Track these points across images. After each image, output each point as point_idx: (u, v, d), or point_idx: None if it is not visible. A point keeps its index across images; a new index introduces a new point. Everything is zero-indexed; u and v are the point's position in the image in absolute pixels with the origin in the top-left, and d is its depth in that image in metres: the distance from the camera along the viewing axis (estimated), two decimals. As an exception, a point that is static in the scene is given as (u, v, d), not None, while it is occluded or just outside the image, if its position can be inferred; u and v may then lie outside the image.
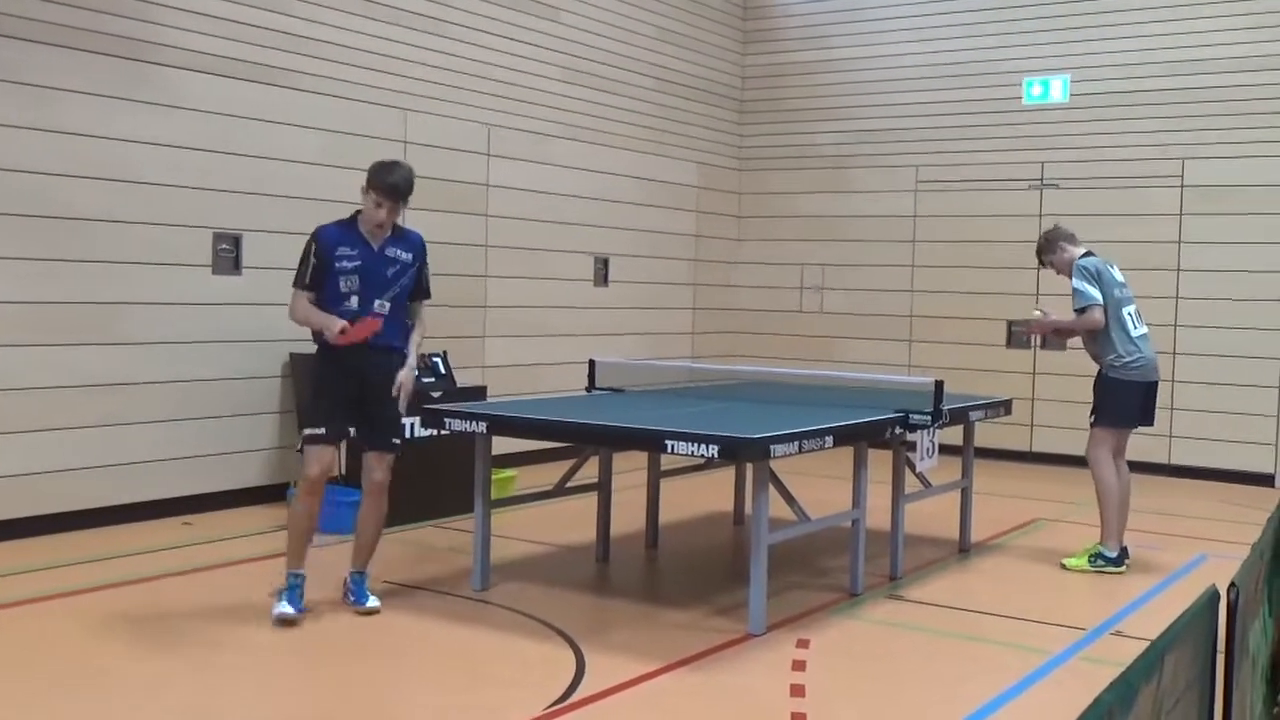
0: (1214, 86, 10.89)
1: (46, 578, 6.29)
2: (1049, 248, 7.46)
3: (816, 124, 12.94)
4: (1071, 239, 7.44)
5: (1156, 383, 7.29)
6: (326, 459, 5.73)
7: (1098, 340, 7.17)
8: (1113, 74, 11.35)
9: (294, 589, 5.68)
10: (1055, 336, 8.04)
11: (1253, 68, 10.73)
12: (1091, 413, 7.29)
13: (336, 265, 5.64)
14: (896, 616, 6.08)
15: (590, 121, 11.26)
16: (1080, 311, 7.12)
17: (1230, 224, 10.83)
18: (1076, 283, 7.15)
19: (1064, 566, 7.21)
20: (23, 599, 5.87)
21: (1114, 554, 7.14)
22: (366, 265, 5.68)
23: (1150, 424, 7.36)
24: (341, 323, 5.57)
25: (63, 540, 7.08)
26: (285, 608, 5.59)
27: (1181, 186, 11.04)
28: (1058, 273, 7.46)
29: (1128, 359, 7.10)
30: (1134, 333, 7.15)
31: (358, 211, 5.76)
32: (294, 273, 5.74)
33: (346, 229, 5.74)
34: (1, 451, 7.02)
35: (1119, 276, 7.29)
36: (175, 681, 4.84)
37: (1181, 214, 11.05)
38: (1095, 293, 7.07)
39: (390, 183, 5.61)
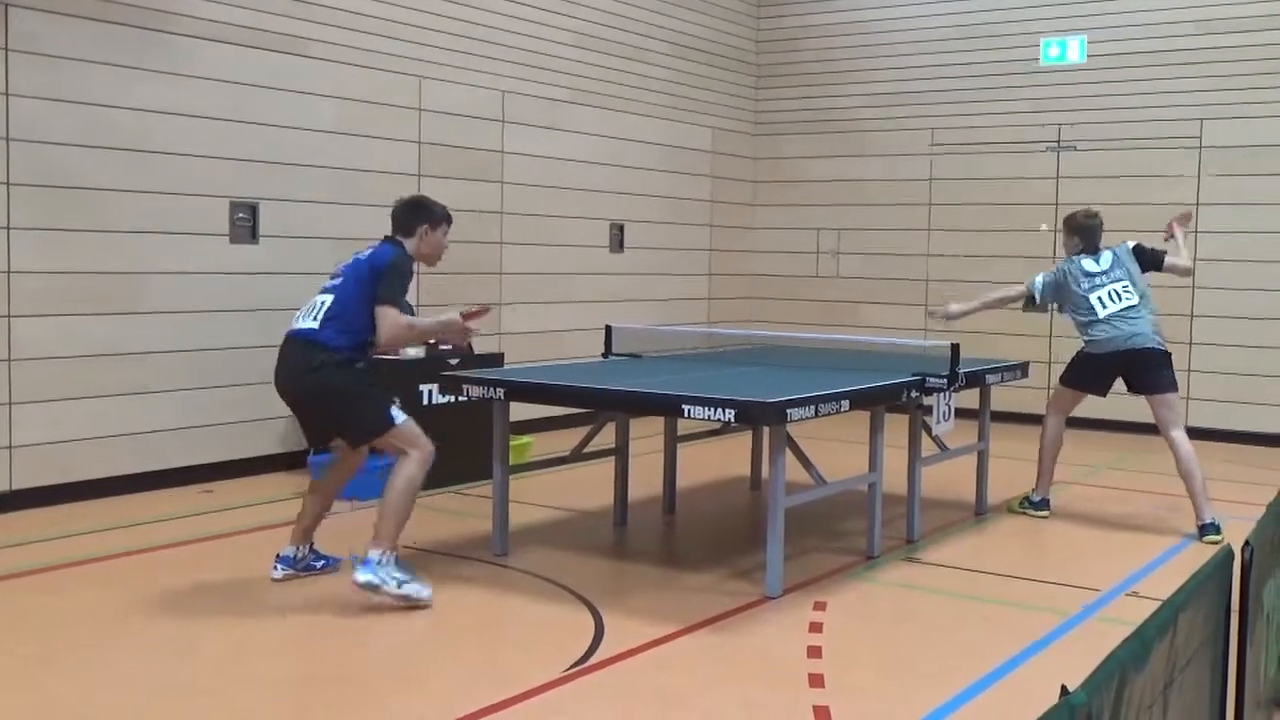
0: (1232, 46, 10.80)
1: (70, 545, 6.37)
2: (1072, 234, 7.75)
3: (832, 87, 12.88)
4: (1079, 231, 7.68)
5: (1121, 352, 7.38)
6: None
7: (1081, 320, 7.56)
8: (1130, 34, 11.26)
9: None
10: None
11: (1271, 26, 10.63)
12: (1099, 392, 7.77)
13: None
14: (912, 579, 6.11)
15: (605, 87, 11.23)
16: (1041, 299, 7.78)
17: (1249, 185, 10.76)
18: (1039, 279, 7.75)
19: (1008, 510, 7.74)
20: (47, 566, 5.95)
21: (1038, 499, 7.66)
22: None
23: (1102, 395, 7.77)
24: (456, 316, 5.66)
25: (85, 508, 7.16)
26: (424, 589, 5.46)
27: (1200, 148, 10.97)
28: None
29: (1093, 335, 7.44)
30: (1101, 314, 7.37)
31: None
32: (390, 291, 5.51)
33: None
34: (23, 421, 7.09)
35: (1094, 267, 7.48)
36: (200, 643, 4.90)
37: (1200, 175, 10.98)
38: (1038, 282, 7.73)
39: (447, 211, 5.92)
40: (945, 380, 6.46)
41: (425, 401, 7.93)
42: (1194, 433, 10.81)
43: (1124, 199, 11.26)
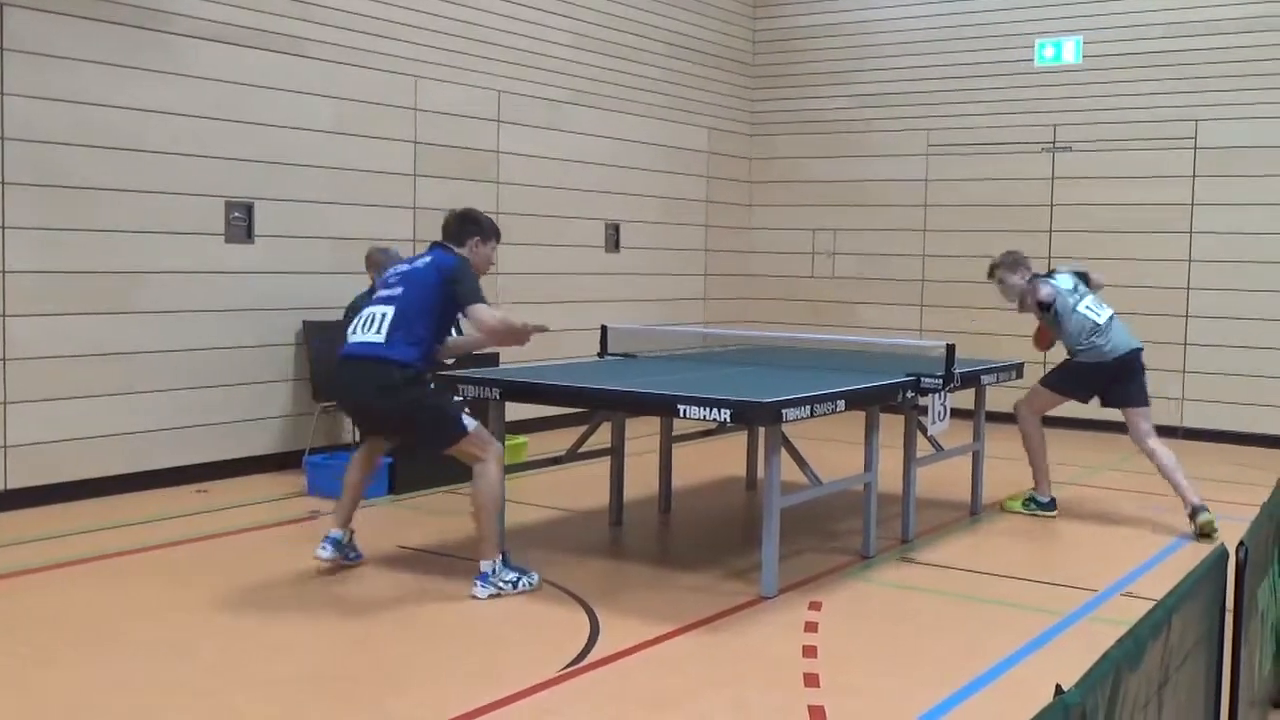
0: (1228, 47, 10.82)
1: (65, 545, 6.36)
2: (1015, 268, 7.60)
3: (827, 88, 12.89)
4: (1026, 265, 7.65)
5: (1119, 358, 7.42)
6: None
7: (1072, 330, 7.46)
8: (1125, 35, 11.27)
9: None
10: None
11: (1266, 27, 10.65)
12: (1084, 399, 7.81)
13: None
14: (908, 579, 6.12)
15: (601, 87, 11.24)
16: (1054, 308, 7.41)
17: (1244, 186, 10.78)
18: (1046, 287, 7.41)
19: (1003, 508, 7.75)
20: (42, 566, 5.94)
21: (1045, 500, 7.71)
22: None
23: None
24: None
25: (80, 508, 7.16)
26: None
27: (1195, 149, 10.99)
28: (1010, 300, 7.67)
29: (1097, 345, 7.41)
30: (1102, 320, 7.41)
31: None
32: (473, 290, 5.63)
33: None
34: (18, 420, 7.08)
35: (1064, 284, 7.52)
36: (196, 644, 4.90)
37: (1195, 176, 11.00)
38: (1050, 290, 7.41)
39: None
40: (940, 380, 6.46)
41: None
42: (1189, 433, 10.91)
43: (1119, 199, 11.29)
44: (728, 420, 5.40)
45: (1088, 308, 7.42)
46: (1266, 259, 10.66)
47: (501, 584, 5.59)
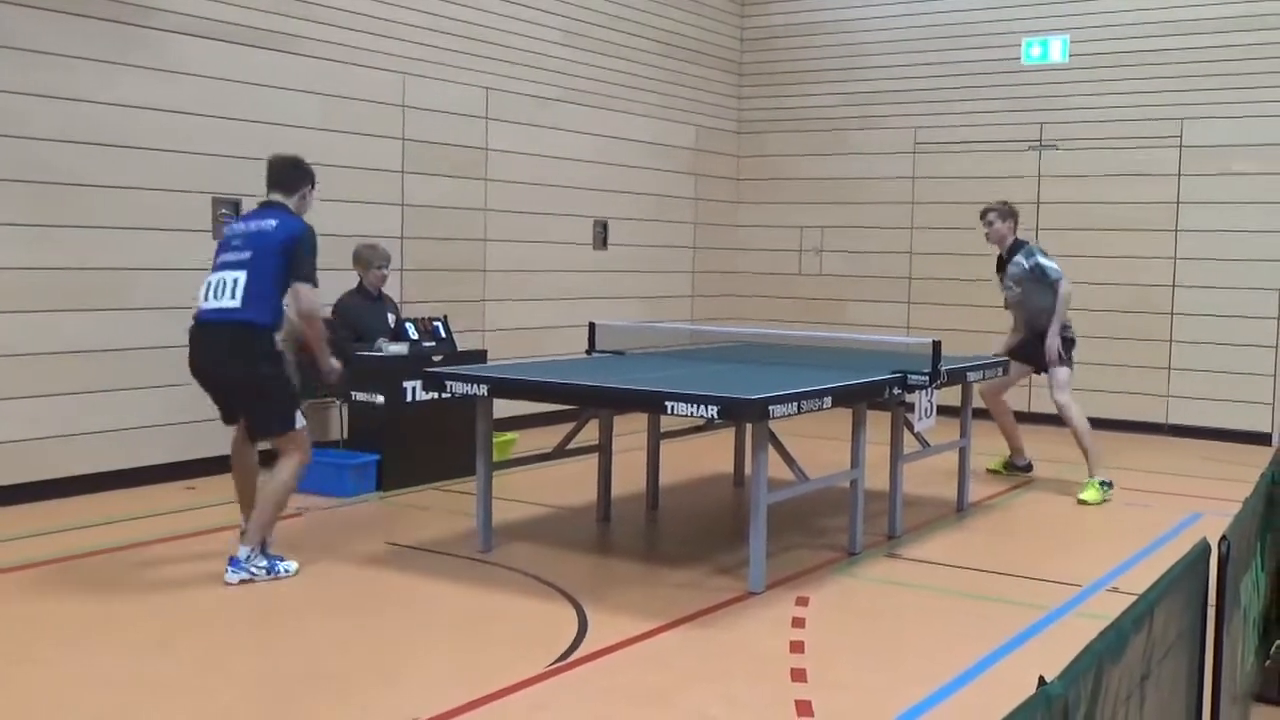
0: (1213, 46, 10.86)
1: (52, 542, 6.35)
2: (1003, 215, 8.51)
3: (815, 86, 12.91)
4: (1017, 220, 8.64)
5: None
6: None
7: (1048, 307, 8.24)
8: (1112, 34, 11.31)
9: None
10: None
11: (1251, 27, 10.70)
12: (1040, 369, 8.38)
13: None
14: (894, 574, 6.14)
15: (589, 85, 11.24)
16: (1051, 287, 8.20)
17: (1229, 184, 10.83)
18: (1043, 259, 8.28)
19: (1082, 502, 7.96)
20: (27, 563, 5.93)
21: (1023, 463, 8.72)
22: None
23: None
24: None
25: (67, 505, 7.14)
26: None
27: (1180, 147, 11.04)
28: (990, 240, 8.62)
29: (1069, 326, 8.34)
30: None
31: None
32: (312, 268, 5.79)
33: None
34: (4, 417, 7.06)
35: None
36: (181, 640, 4.90)
37: (1180, 174, 11.05)
38: (1058, 266, 8.30)
39: None
40: (927, 377, 6.49)
41: (409, 398, 7.93)
42: (1174, 430, 10.96)
43: (1105, 198, 11.34)
44: (715, 417, 5.42)
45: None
46: (1252, 257, 10.71)
47: (255, 569, 5.66)
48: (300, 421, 5.83)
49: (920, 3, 12.26)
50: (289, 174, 6.00)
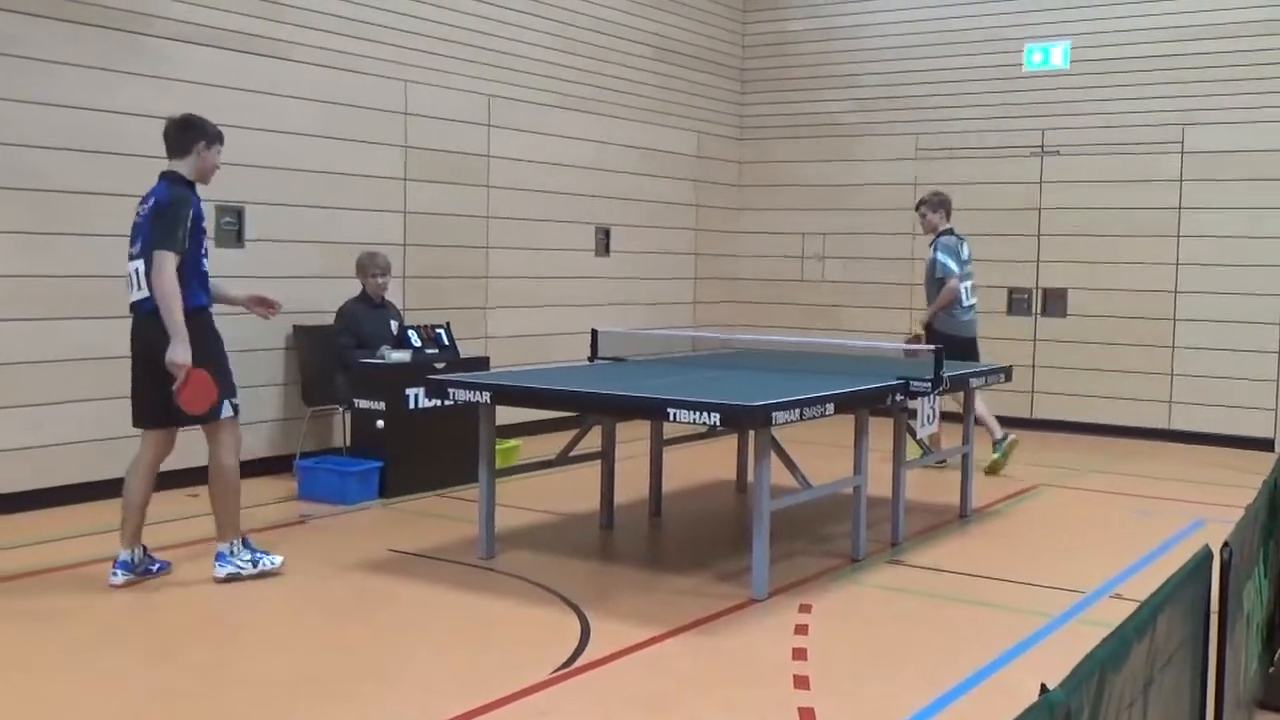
0: (1215, 52, 10.88)
1: (52, 550, 6.36)
2: (935, 206, 9.23)
3: (817, 92, 12.93)
4: (949, 210, 9.28)
5: (970, 340, 9.19)
6: None
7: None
8: (1114, 40, 11.33)
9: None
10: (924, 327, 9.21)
11: (1253, 33, 10.71)
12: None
13: (202, 227, 5.76)
14: (898, 581, 6.14)
15: (590, 91, 11.27)
16: (941, 281, 8.98)
17: (1231, 190, 10.84)
18: (941, 256, 9.03)
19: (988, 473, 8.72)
20: (27, 571, 5.94)
21: (999, 436, 9.00)
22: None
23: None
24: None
25: (67, 513, 7.14)
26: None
27: (1182, 153, 11.05)
28: (924, 230, 9.41)
29: (958, 317, 9.10)
30: (965, 303, 9.12)
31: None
32: (166, 236, 5.56)
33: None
34: (4, 425, 7.07)
35: (967, 255, 9.24)
36: (186, 645, 4.91)
37: (1182, 180, 11.06)
38: (955, 266, 8.99)
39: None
40: (929, 384, 6.49)
41: (412, 405, 7.94)
42: (1176, 435, 10.96)
43: (1107, 203, 11.35)
44: (717, 424, 5.42)
45: (967, 288, 9.09)
46: (1254, 262, 10.72)
47: (240, 563, 5.78)
48: (227, 411, 5.78)
49: (922, 9, 12.28)
50: (177, 136, 5.84)
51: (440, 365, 8.04)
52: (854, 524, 6.47)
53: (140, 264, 5.63)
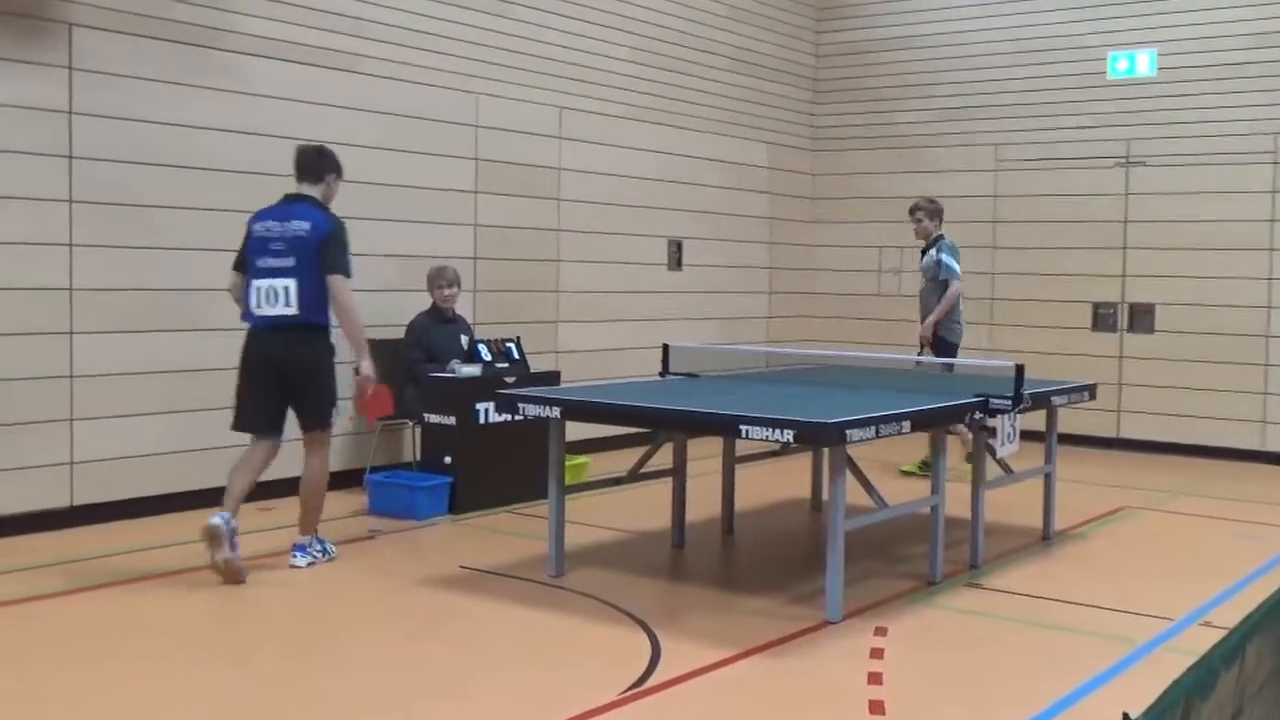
0: (1310, 58, 10.67)
1: (129, 560, 6.51)
2: (931, 214, 9.44)
3: (893, 102, 12.87)
4: (942, 218, 9.52)
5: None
6: None
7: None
8: (1202, 46, 11.15)
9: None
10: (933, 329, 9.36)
11: (1351, 38, 10.50)
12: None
13: None
14: (976, 605, 6.09)
15: (662, 103, 11.32)
16: (944, 284, 9.14)
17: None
18: (946, 257, 9.20)
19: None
20: (105, 582, 6.08)
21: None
22: None
23: None
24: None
25: (145, 525, 7.31)
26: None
27: (1275, 163, 10.84)
28: (917, 236, 9.56)
29: (958, 326, 9.34)
30: (960, 309, 9.41)
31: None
32: (343, 261, 6.28)
33: None
34: (84, 437, 7.26)
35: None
36: (257, 656, 5.00)
37: (1275, 191, 10.85)
38: (958, 268, 9.24)
39: None
40: (1009, 401, 6.43)
41: (482, 420, 8.02)
42: (1269, 457, 10.71)
43: (1195, 216, 11.17)
44: (790, 441, 5.42)
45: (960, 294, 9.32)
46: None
47: (314, 553, 6.43)
48: (333, 420, 6.47)
49: (1002, 16, 12.18)
50: (314, 162, 6.46)
51: (510, 380, 8.12)
52: (931, 545, 6.43)
53: (291, 282, 6.17)
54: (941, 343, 9.17)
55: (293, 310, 6.16)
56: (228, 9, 7.90)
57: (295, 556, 6.38)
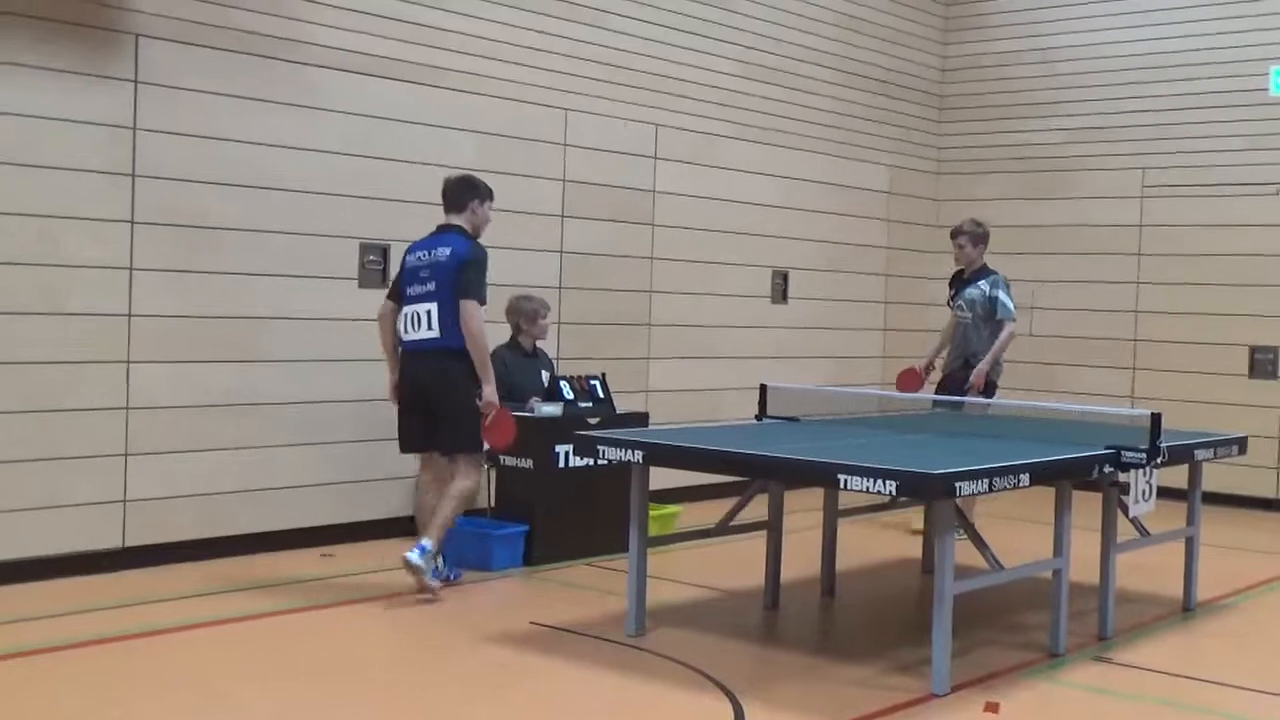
0: None
1: (182, 607, 6.66)
2: (976, 240, 9.23)
3: (1026, 122, 12.75)
4: (987, 243, 9.31)
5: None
6: None
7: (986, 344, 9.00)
8: (1378, 61, 10.89)
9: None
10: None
11: None
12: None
13: None
14: (1104, 682, 5.97)
15: (768, 121, 11.34)
16: (999, 324, 9.01)
17: None
18: (1003, 295, 9.07)
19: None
20: (158, 629, 6.22)
21: None
22: None
23: None
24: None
25: (199, 569, 7.47)
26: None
27: None
28: (959, 262, 9.36)
29: (1000, 366, 9.17)
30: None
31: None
32: (476, 286, 7.04)
33: None
34: (138, 474, 7.44)
35: None
36: (309, 714, 5.07)
37: None
38: (1014, 309, 9.10)
39: None
40: (1145, 454, 6.31)
41: (561, 464, 8.06)
42: None
43: (1369, 250, 10.87)
44: (893, 493, 5.37)
45: None
46: None
47: (428, 567, 6.92)
48: (482, 446, 7.16)
49: (1149, 27, 12.01)
50: (456, 192, 7.30)
51: (594, 420, 8.15)
52: (1053, 613, 6.31)
53: (433, 306, 6.99)
54: (989, 386, 9.04)
55: (434, 333, 6.98)
56: (299, 19, 8.07)
57: (415, 551, 6.86)
